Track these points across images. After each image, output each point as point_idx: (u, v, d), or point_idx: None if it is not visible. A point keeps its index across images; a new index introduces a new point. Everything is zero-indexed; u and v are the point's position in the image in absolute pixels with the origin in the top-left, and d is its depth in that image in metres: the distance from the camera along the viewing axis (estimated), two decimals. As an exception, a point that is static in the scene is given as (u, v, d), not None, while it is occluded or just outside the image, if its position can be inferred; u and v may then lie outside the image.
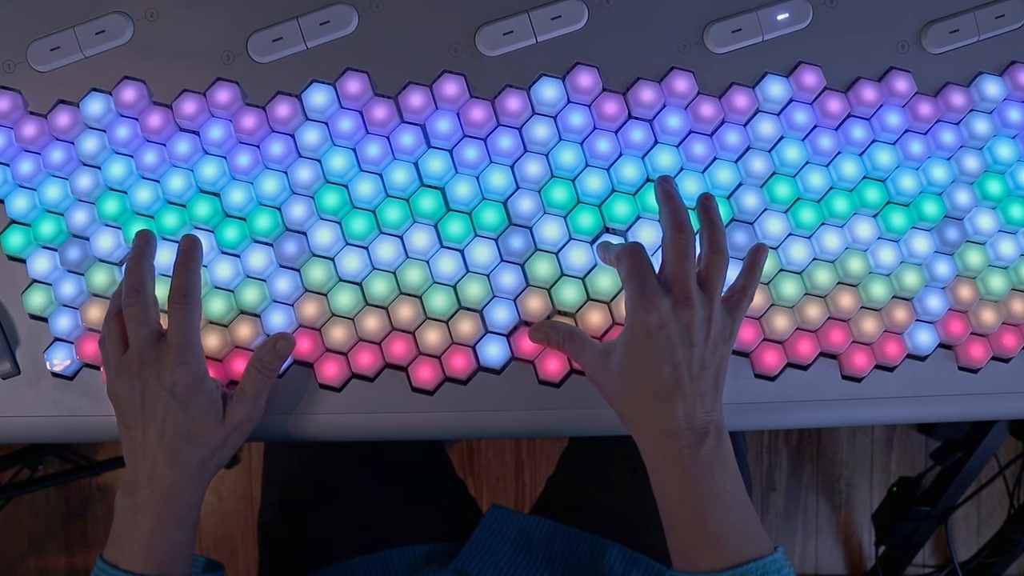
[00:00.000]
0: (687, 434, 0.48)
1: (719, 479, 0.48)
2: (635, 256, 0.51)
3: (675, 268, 0.50)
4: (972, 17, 0.60)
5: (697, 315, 0.49)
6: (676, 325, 0.49)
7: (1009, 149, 0.59)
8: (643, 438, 0.50)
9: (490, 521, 0.69)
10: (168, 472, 0.50)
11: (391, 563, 0.68)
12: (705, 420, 0.49)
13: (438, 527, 0.74)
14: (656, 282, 0.50)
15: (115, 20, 0.59)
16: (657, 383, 0.49)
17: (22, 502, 1.42)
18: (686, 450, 0.48)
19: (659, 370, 0.49)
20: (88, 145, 0.57)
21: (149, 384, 0.50)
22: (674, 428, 0.48)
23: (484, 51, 0.59)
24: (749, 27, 0.59)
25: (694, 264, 0.51)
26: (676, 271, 0.50)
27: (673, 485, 0.49)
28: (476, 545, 0.66)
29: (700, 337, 0.50)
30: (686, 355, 0.49)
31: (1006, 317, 0.58)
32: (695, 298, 0.50)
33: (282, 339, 0.54)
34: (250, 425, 0.53)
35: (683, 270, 0.50)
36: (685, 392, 0.49)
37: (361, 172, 0.57)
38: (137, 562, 0.49)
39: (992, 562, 1.21)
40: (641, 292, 0.50)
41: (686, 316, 0.49)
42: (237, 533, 1.43)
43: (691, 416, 0.49)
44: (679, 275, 0.50)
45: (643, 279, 0.50)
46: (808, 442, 1.45)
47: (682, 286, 0.50)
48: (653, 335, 0.49)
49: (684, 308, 0.49)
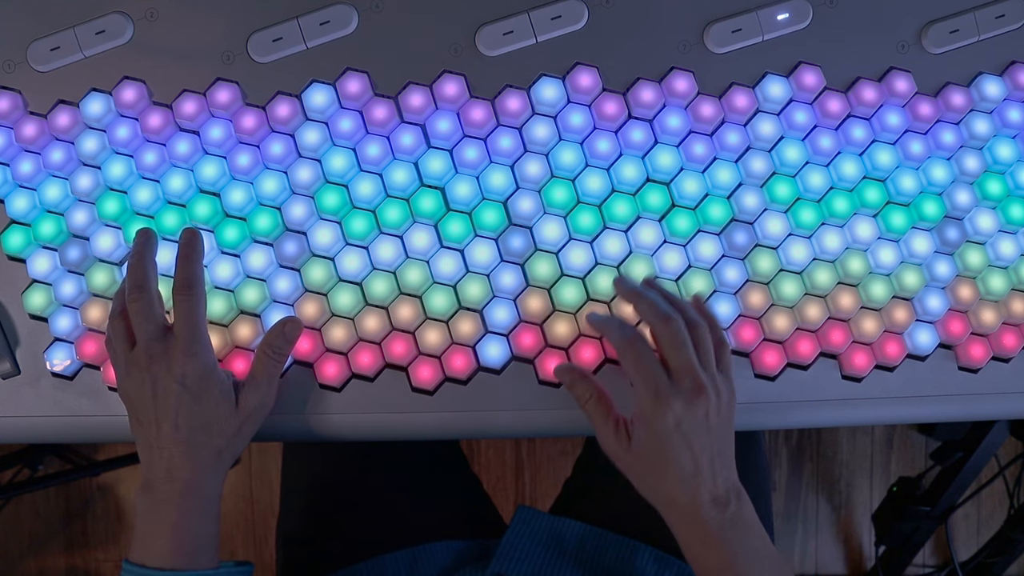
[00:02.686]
0: (711, 508, 0.50)
1: (748, 538, 0.51)
2: (636, 350, 0.50)
3: (676, 359, 0.50)
4: (972, 17, 0.60)
5: (712, 402, 0.50)
6: (692, 418, 0.50)
7: (1009, 149, 0.59)
8: (670, 518, 0.53)
9: (520, 522, 0.69)
10: (185, 464, 0.50)
11: (419, 560, 0.69)
12: (726, 489, 0.51)
13: (459, 524, 0.74)
14: (665, 378, 0.50)
15: (115, 20, 0.59)
16: (679, 472, 0.50)
17: (22, 502, 1.42)
18: (713, 522, 0.50)
19: (679, 461, 0.50)
20: (88, 145, 0.57)
21: (159, 378, 0.50)
22: (699, 507, 0.50)
23: (484, 51, 0.59)
24: (749, 27, 0.59)
25: (691, 346, 0.51)
26: (678, 362, 0.50)
27: (708, 556, 0.51)
28: (509, 547, 0.66)
29: (715, 416, 0.51)
30: (704, 441, 0.50)
31: (1006, 317, 0.58)
32: (706, 384, 0.50)
33: (290, 323, 0.54)
34: (263, 412, 0.53)
35: (685, 358, 0.50)
36: (705, 474, 0.50)
37: (361, 172, 0.57)
38: (164, 558, 0.49)
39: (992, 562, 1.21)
40: (654, 394, 0.50)
41: (702, 406, 0.50)
42: (237, 533, 1.43)
43: (714, 491, 0.51)
44: (683, 365, 0.50)
45: (650, 377, 0.50)
46: (808, 442, 1.45)
47: (690, 376, 0.50)
48: (672, 434, 0.50)
49: (698, 398, 0.50)
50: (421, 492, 0.75)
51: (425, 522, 0.73)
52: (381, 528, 0.72)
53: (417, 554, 0.69)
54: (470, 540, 0.72)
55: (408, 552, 0.70)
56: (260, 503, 1.43)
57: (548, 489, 1.43)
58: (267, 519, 1.43)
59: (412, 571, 0.68)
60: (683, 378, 0.50)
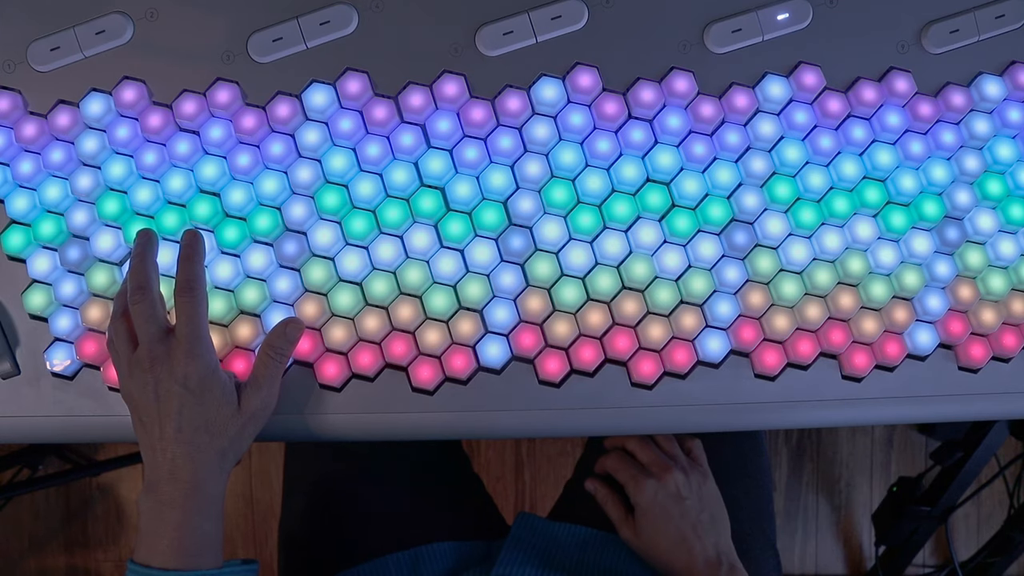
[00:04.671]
0: (704, 569, 0.61)
1: None
2: (614, 459, 0.68)
3: (642, 453, 0.67)
4: (972, 17, 0.60)
5: (679, 478, 0.65)
6: (666, 492, 0.65)
7: (1009, 149, 0.59)
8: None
9: (520, 528, 0.70)
10: (188, 465, 0.50)
11: (421, 561, 0.69)
12: (716, 552, 0.62)
13: (461, 524, 0.75)
14: (641, 469, 0.66)
15: (115, 20, 0.59)
16: (668, 539, 0.63)
17: (22, 502, 1.42)
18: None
19: (665, 529, 0.64)
20: (88, 145, 0.57)
21: (162, 379, 0.50)
22: (693, 569, 0.61)
23: (484, 51, 0.59)
24: (749, 27, 0.59)
25: (654, 445, 0.68)
26: (644, 455, 0.67)
27: None
28: (511, 552, 0.67)
29: (685, 489, 0.65)
30: (679, 509, 0.64)
31: (1006, 317, 0.58)
32: (671, 466, 0.66)
33: (292, 323, 0.54)
34: (265, 413, 0.53)
35: (649, 453, 0.67)
36: (690, 539, 0.63)
37: (361, 172, 0.57)
38: (168, 558, 0.49)
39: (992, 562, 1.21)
40: (634, 480, 0.66)
41: (672, 481, 0.65)
42: (237, 533, 1.43)
43: (705, 554, 0.62)
44: (648, 457, 0.67)
45: (629, 471, 0.66)
46: (808, 442, 1.45)
47: (654, 462, 0.66)
48: (652, 506, 0.64)
49: (665, 475, 0.65)
50: (422, 493, 0.75)
51: (427, 523, 0.73)
52: (382, 529, 0.72)
53: (419, 555, 0.69)
54: (472, 541, 0.72)
55: (410, 553, 0.70)
56: (260, 503, 1.43)
57: (548, 489, 1.43)
58: (267, 519, 1.43)
59: (414, 572, 0.69)
60: (649, 465, 0.66)
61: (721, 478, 0.70)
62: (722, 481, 0.69)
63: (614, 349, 0.56)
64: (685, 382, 0.57)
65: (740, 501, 0.74)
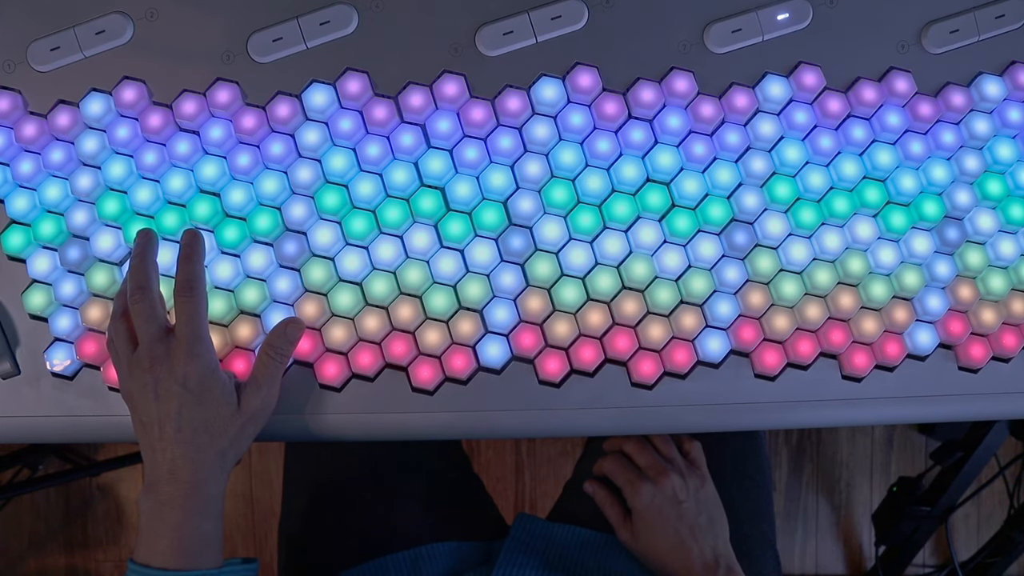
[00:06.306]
0: (702, 572, 0.62)
1: None
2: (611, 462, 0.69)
3: (639, 457, 0.68)
4: (972, 17, 0.60)
5: (676, 482, 0.66)
6: (662, 495, 0.65)
7: (1009, 149, 0.59)
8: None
9: (520, 530, 0.70)
10: (188, 465, 0.50)
11: (421, 561, 0.69)
12: (714, 556, 0.63)
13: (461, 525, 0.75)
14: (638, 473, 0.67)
15: (115, 20, 0.59)
16: (665, 542, 0.64)
17: (22, 502, 1.42)
18: None
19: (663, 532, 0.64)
20: (88, 145, 0.57)
21: (162, 379, 0.50)
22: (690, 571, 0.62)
23: (484, 51, 0.59)
24: (749, 27, 0.59)
25: (651, 449, 0.68)
26: (641, 459, 0.68)
27: None
28: (510, 554, 0.67)
29: (682, 492, 0.65)
30: (676, 513, 0.64)
31: (1006, 317, 0.58)
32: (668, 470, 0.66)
33: (292, 323, 0.54)
34: (265, 413, 0.53)
35: (646, 456, 0.67)
36: (688, 543, 0.63)
37: (361, 172, 0.57)
38: (168, 558, 0.49)
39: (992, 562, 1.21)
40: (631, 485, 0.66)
41: (669, 485, 0.65)
42: (237, 533, 1.43)
43: (703, 557, 0.63)
44: (645, 460, 0.67)
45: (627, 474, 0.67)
46: (808, 442, 1.45)
47: (651, 466, 0.67)
48: (648, 509, 0.65)
49: (663, 479, 0.66)
50: (422, 493, 0.75)
51: (427, 523, 0.73)
52: (383, 529, 0.72)
53: (419, 555, 0.69)
54: (472, 542, 0.72)
55: (410, 553, 0.70)
56: (260, 503, 1.43)
57: (548, 489, 1.43)
58: (267, 519, 1.43)
59: (414, 572, 0.68)
60: (647, 469, 0.67)
61: (720, 478, 0.70)
62: (721, 481, 0.70)
63: (614, 349, 0.56)
64: (685, 382, 0.57)
65: (739, 501, 0.74)
